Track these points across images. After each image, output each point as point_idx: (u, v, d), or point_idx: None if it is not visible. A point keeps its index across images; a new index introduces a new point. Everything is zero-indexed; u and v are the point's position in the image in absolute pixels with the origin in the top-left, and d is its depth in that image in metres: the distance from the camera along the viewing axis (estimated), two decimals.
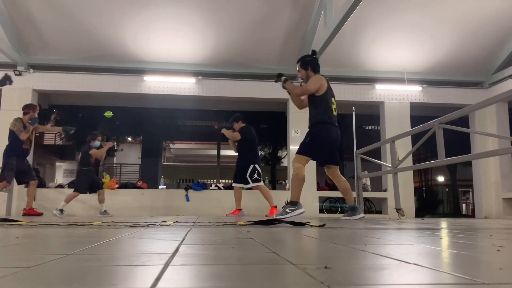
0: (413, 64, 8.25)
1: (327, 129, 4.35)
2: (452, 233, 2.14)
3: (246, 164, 6.31)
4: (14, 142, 6.02)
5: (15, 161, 5.98)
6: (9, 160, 5.94)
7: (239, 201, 6.44)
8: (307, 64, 4.56)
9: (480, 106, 4.60)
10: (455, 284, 0.68)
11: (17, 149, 6.04)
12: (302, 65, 4.59)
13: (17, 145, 6.03)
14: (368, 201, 9.25)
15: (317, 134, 4.35)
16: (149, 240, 1.59)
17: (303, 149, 4.42)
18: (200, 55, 7.91)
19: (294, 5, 6.95)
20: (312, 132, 4.40)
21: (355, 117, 6.94)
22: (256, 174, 6.29)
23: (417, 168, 7.68)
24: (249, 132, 6.42)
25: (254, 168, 6.30)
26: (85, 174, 6.70)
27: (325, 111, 4.37)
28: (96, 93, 8.14)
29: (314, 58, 4.65)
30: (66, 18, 7.06)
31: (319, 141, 4.35)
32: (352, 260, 0.98)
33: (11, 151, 5.99)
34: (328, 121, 4.36)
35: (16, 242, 1.53)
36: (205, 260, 1.00)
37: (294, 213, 4.19)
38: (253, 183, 6.26)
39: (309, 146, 4.38)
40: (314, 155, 4.45)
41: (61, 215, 6.32)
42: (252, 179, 6.25)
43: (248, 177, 6.25)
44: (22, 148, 6.10)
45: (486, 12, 7.07)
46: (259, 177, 6.33)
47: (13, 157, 5.97)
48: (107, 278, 0.75)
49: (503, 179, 8.10)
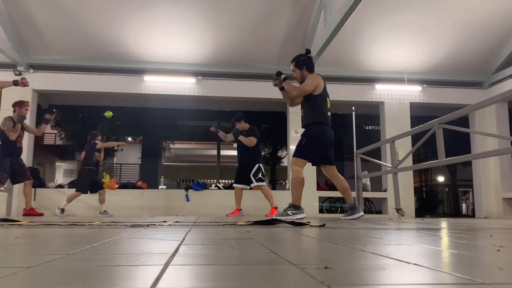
0: (413, 64, 8.25)
1: (324, 129, 4.28)
2: (452, 233, 2.14)
3: (251, 163, 6.31)
4: (7, 142, 5.93)
5: (9, 161, 5.92)
6: (3, 161, 5.86)
7: (239, 202, 6.45)
8: (302, 64, 4.44)
9: (480, 106, 4.60)
10: (455, 284, 0.68)
11: (11, 149, 5.95)
12: (297, 65, 4.46)
13: (11, 144, 5.95)
14: (368, 201, 9.24)
15: (313, 135, 4.28)
16: (149, 240, 1.59)
17: (300, 151, 4.33)
18: (200, 55, 7.91)
19: (294, 5, 6.95)
20: (309, 133, 4.32)
21: (355, 117, 6.94)
22: (260, 174, 6.30)
23: (417, 168, 7.68)
24: (257, 133, 6.44)
25: (259, 168, 6.30)
26: (87, 173, 6.70)
27: (322, 111, 4.29)
28: (96, 93, 8.14)
29: (309, 58, 4.52)
30: (66, 18, 7.06)
31: (316, 142, 4.29)
32: (352, 260, 0.98)
33: (5, 151, 5.91)
34: (324, 121, 4.29)
35: (16, 242, 1.53)
36: (205, 260, 1.00)
37: (295, 217, 4.09)
38: (257, 182, 6.26)
39: (306, 148, 4.30)
40: (311, 156, 4.38)
41: (61, 214, 6.33)
42: (256, 179, 6.25)
43: (252, 177, 6.25)
44: (16, 147, 6.02)
45: (486, 12, 7.07)
46: (263, 176, 6.34)
47: (7, 157, 5.90)
48: (107, 278, 0.75)
49: (503, 179, 8.10)
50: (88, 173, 6.70)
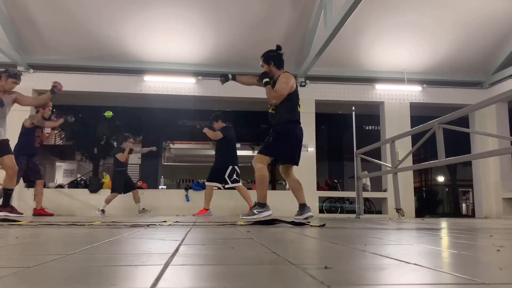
0: (413, 64, 8.25)
1: (295, 128, 4.21)
2: (452, 233, 2.14)
3: (225, 165, 6.34)
4: (25, 141, 5.94)
5: (25, 160, 5.90)
6: (19, 159, 5.81)
7: (208, 201, 6.45)
8: (269, 60, 4.36)
9: (480, 106, 4.60)
10: (455, 284, 0.68)
11: (29, 148, 5.96)
12: (265, 60, 4.39)
13: (28, 143, 5.96)
14: (368, 201, 9.25)
15: (283, 133, 4.19)
16: (149, 240, 1.59)
17: (267, 148, 4.24)
18: (200, 55, 7.91)
19: (294, 5, 6.95)
20: (278, 130, 4.21)
21: (355, 117, 6.94)
22: (235, 175, 6.33)
23: (417, 168, 7.69)
24: (229, 133, 6.42)
25: (233, 169, 6.33)
26: (120, 174, 6.97)
27: (293, 109, 4.21)
28: (96, 93, 8.14)
29: (278, 54, 4.41)
30: (66, 18, 7.06)
31: (285, 140, 4.19)
32: (352, 260, 0.98)
33: (22, 150, 5.87)
34: (295, 119, 4.22)
35: (16, 242, 1.53)
36: (205, 260, 1.00)
37: (261, 215, 4.01)
38: (232, 183, 6.29)
39: (273, 146, 4.20)
40: (277, 154, 4.26)
41: (102, 215, 6.54)
42: (231, 180, 6.29)
43: (227, 178, 6.27)
44: (33, 146, 6.04)
45: (486, 12, 7.07)
46: (238, 177, 6.37)
47: (24, 156, 5.88)
48: (107, 278, 0.75)
49: (503, 179, 8.10)
50: (121, 174, 6.96)
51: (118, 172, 6.97)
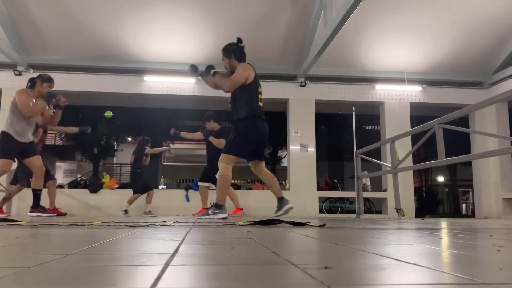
0: (413, 64, 8.25)
1: (254, 123, 4.02)
2: (452, 233, 2.14)
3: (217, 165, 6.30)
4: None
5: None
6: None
7: (205, 201, 6.48)
8: (230, 53, 4.20)
9: (480, 106, 4.60)
10: (455, 284, 0.68)
11: None
12: (225, 53, 4.23)
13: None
14: (368, 201, 9.25)
15: (242, 130, 4.03)
16: (149, 240, 1.59)
17: (230, 147, 4.07)
18: (200, 55, 7.90)
19: (294, 5, 6.95)
20: (238, 128, 4.05)
21: (355, 117, 6.94)
22: None
23: (417, 168, 7.69)
24: (225, 134, 6.42)
25: None
26: (139, 176, 7.17)
27: (251, 102, 4.03)
28: (96, 93, 8.14)
29: (239, 46, 4.26)
30: (66, 18, 7.06)
31: (246, 138, 4.04)
32: (352, 260, 0.98)
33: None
34: (254, 113, 4.02)
35: (16, 242, 1.53)
36: (205, 260, 1.00)
37: (216, 216, 3.86)
38: None
39: (236, 144, 4.05)
40: (241, 152, 4.10)
41: (126, 215, 6.64)
42: None
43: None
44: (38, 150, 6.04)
45: (486, 12, 7.07)
46: None
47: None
48: (107, 278, 0.75)
49: (503, 179, 8.10)
50: (140, 175, 7.16)
51: (138, 173, 7.18)
